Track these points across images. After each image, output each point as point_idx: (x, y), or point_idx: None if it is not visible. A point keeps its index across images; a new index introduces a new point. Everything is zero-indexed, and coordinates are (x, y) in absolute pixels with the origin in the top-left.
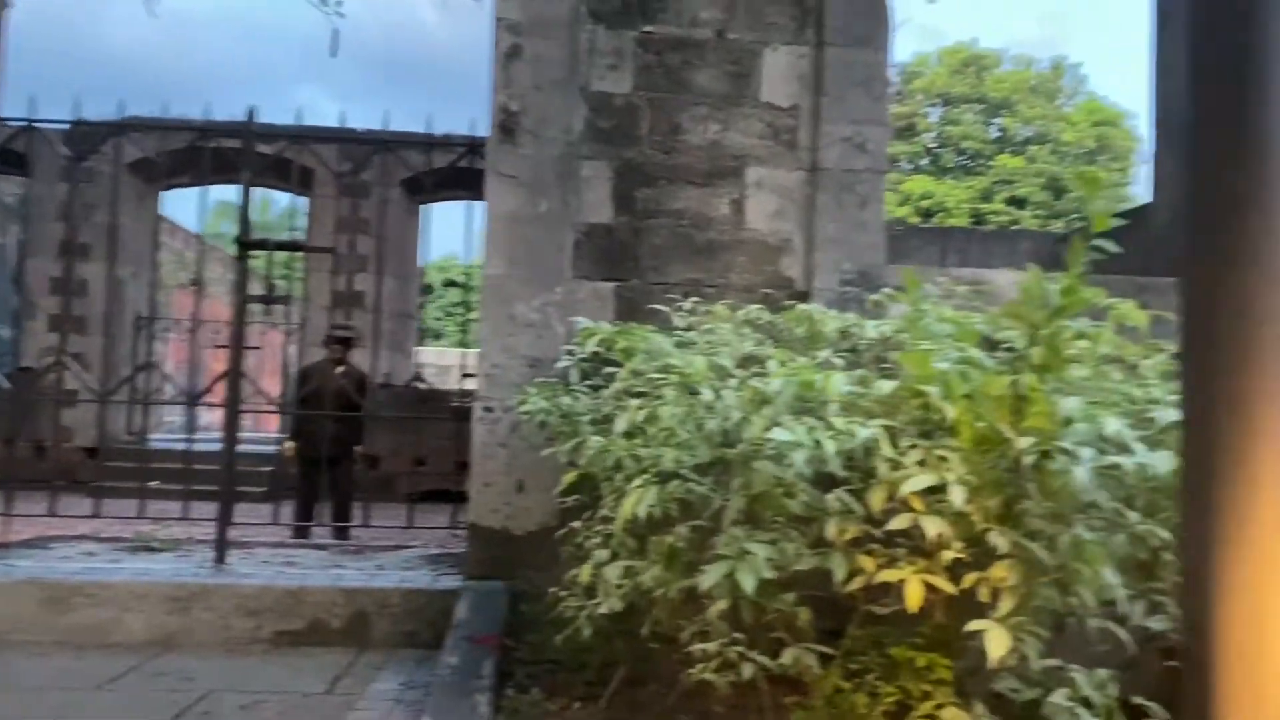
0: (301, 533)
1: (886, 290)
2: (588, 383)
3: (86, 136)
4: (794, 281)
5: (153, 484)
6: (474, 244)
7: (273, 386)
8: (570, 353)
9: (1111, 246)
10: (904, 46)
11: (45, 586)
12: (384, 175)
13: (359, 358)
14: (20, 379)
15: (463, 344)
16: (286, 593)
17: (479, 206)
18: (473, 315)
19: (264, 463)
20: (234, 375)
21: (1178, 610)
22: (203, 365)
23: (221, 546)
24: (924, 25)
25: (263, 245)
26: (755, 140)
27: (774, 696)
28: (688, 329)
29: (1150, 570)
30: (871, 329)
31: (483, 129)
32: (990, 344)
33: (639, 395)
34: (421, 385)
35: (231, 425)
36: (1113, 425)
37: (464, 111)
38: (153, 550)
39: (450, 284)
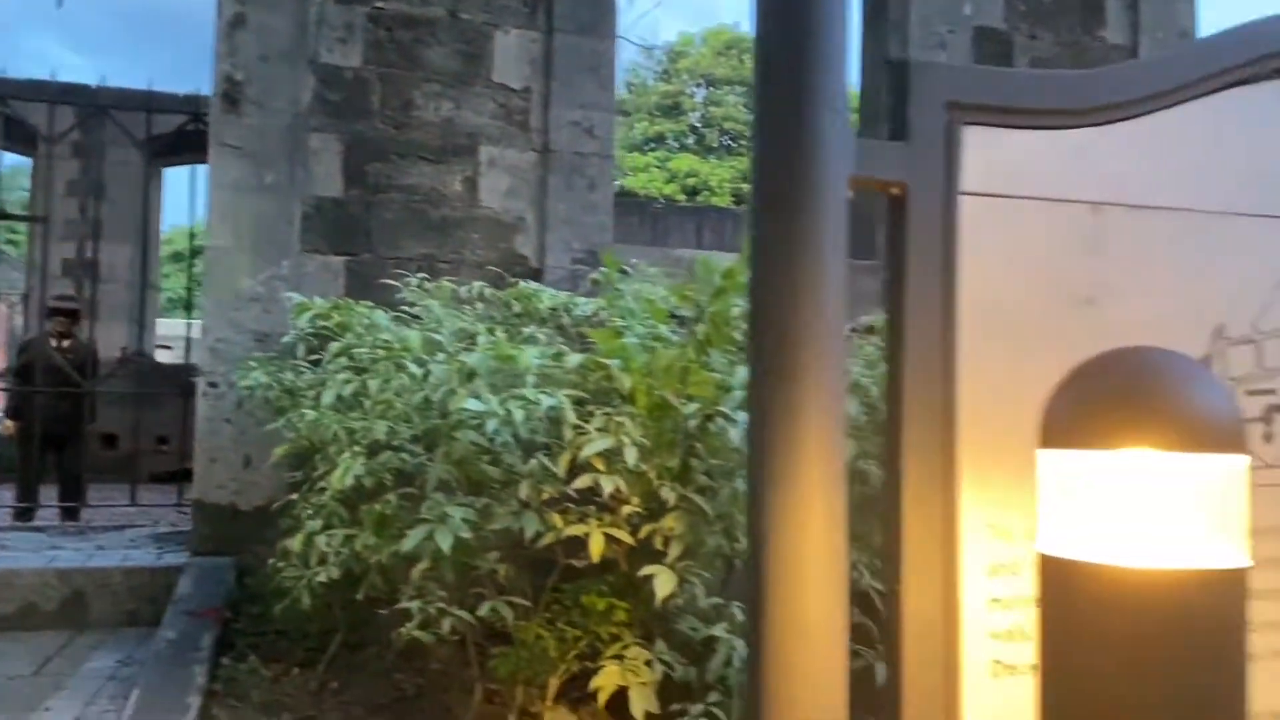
0: (23, 515)
1: (602, 269)
2: (313, 357)
3: None
4: (527, 259)
5: None
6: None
7: None
8: (298, 328)
9: None
10: (670, 26)
11: None
12: (119, 136)
13: (101, 332)
14: None
15: None
16: None
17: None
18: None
19: None
20: None
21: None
22: None
23: None
24: (693, 4)
25: None
26: (488, 120)
27: (485, 650)
28: (413, 304)
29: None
30: (582, 306)
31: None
32: (682, 320)
33: (358, 370)
34: (163, 360)
35: None
36: None
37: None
38: None
39: (197, 253)
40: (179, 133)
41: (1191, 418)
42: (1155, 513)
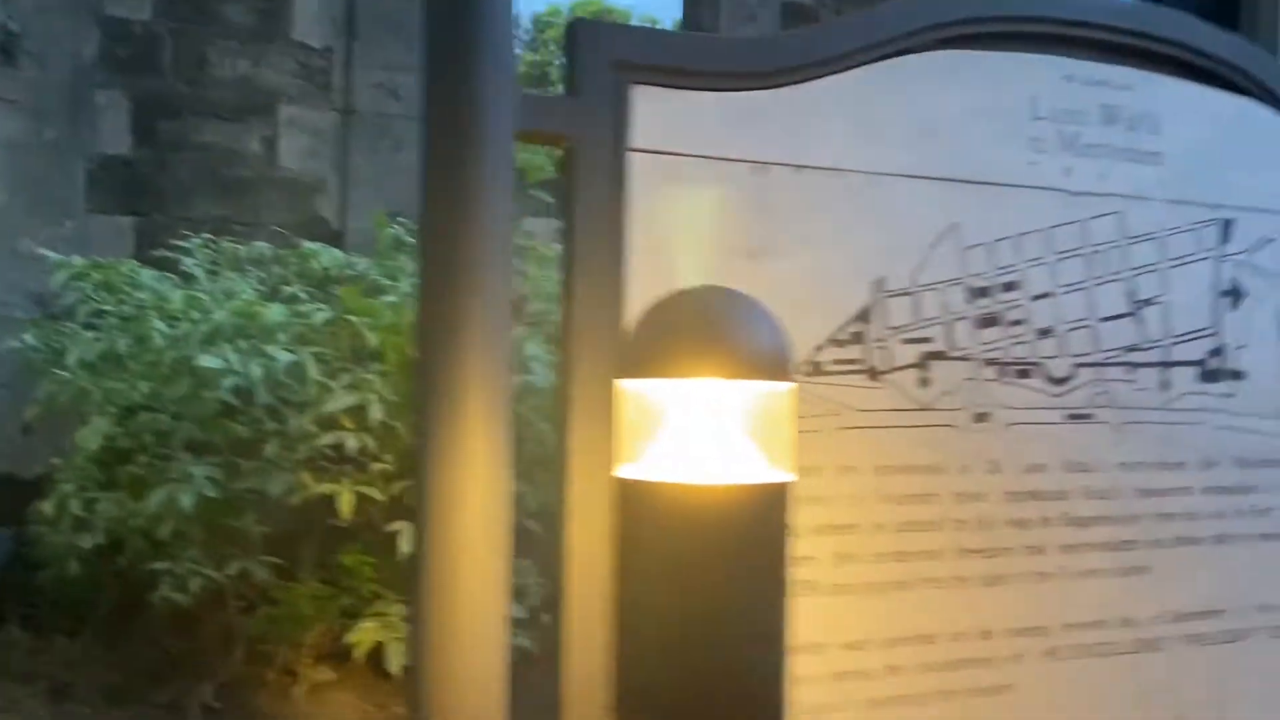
0: None
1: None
2: (96, 320)
3: None
4: (329, 222)
5: None
6: None
7: None
8: (81, 289)
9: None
10: None
11: None
12: None
13: None
14: None
15: None
16: None
17: None
18: None
19: None
20: None
21: None
22: None
23: None
24: None
25: None
26: (288, 79)
27: (254, 612)
28: (204, 266)
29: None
30: (361, 267)
31: None
32: None
33: (119, 330)
34: None
35: None
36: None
37: None
38: None
39: None
40: None
41: (742, 350)
42: (711, 435)
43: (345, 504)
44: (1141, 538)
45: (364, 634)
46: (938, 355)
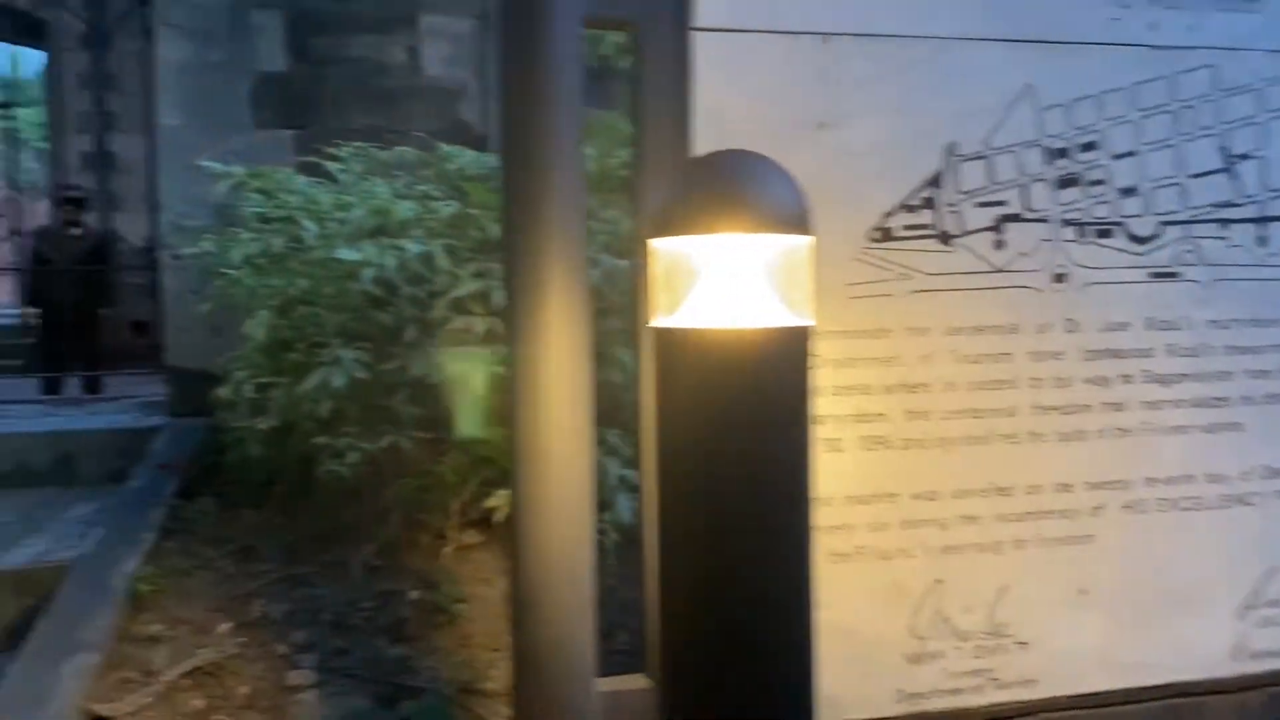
0: (50, 392)
1: None
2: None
3: None
4: (472, 126)
5: None
6: None
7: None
8: (250, 200)
9: None
10: None
11: None
12: (129, 26)
13: (121, 221)
14: None
15: None
16: None
17: None
18: None
19: (22, 335)
20: None
21: None
22: None
23: None
24: None
25: None
26: None
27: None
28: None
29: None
30: (492, 165)
31: None
32: None
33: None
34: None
35: None
36: None
37: None
38: None
39: None
40: None
41: (762, 207)
42: (736, 285)
43: (478, 382)
44: (1233, 394)
45: (501, 499)
46: (1013, 218)
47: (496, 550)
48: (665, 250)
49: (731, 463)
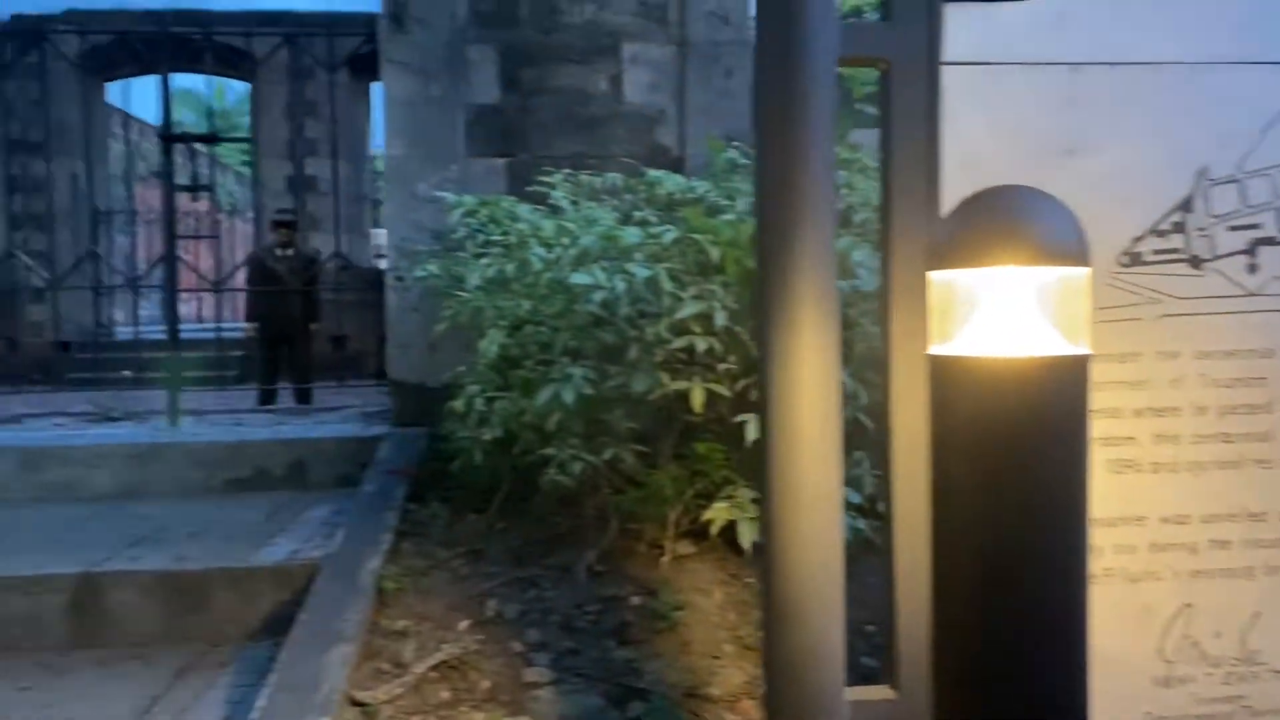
0: (266, 402)
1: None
2: (481, 250)
3: (25, 32)
4: (670, 150)
5: (125, 373)
6: None
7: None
8: (467, 224)
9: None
10: None
11: (20, 451)
12: (329, 57)
13: (317, 242)
14: None
15: None
16: (231, 446)
17: None
18: None
19: (236, 348)
20: (170, 260)
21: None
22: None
23: (173, 412)
24: None
25: (184, 138)
26: (629, 18)
27: (617, 495)
28: (565, 197)
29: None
30: (700, 189)
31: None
32: None
33: (502, 257)
34: (380, 266)
35: (172, 304)
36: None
37: None
38: (113, 420)
39: None
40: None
41: (1039, 239)
42: (1014, 314)
43: (697, 399)
44: None
45: (718, 513)
46: (1267, 241)
47: (711, 561)
48: (942, 280)
49: (1011, 487)
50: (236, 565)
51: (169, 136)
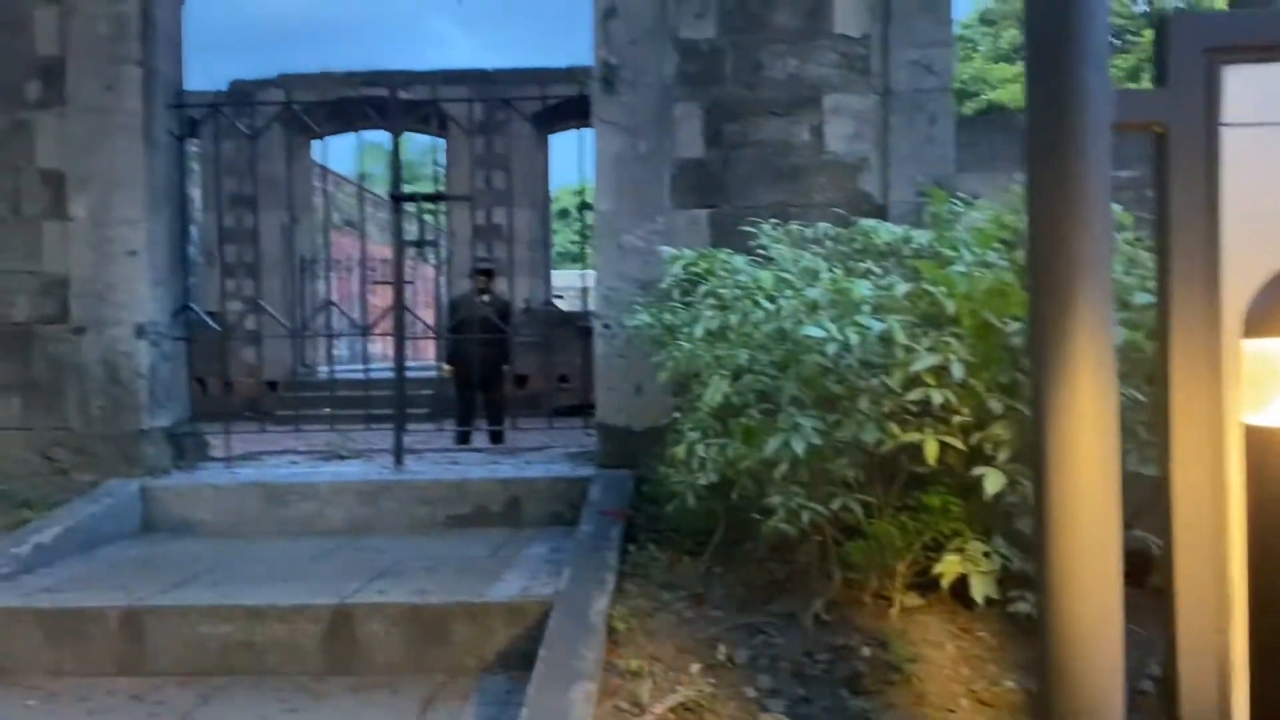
0: (462, 441)
1: (955, 201)
2: (685, 299)
3: (244, 95)
4: (872, 197)
5: (325, 411)
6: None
7: (428, 316)
8: (673, 274)
9: None
10: None
11: (266, 487)
12: (514, 111)
13: (501, 285)
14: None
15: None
16: (453, 484)
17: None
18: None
19: (425, 387)
20: (398, 309)
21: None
22: (361, 300)
23: (399, 451)
24: None
25: (412, 198)
26: (830, 70)
27: (839, 544)
28: (767, 247)
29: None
30: (918, 239)
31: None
32: (1012, 245)
33: (721, 308)
34: (560, 308)
35: (399, 350)
36: None
37: (580, 33)
38: (342, 458)
39: (587, 207)
40: (562, 102)
41: None
42: None
43: (931, 451)
44: None
45: (949, 566)
46: None
47: (940, 614)
48: (1259, 349)
49: None
50: (474, 600)
51: (399, 196)
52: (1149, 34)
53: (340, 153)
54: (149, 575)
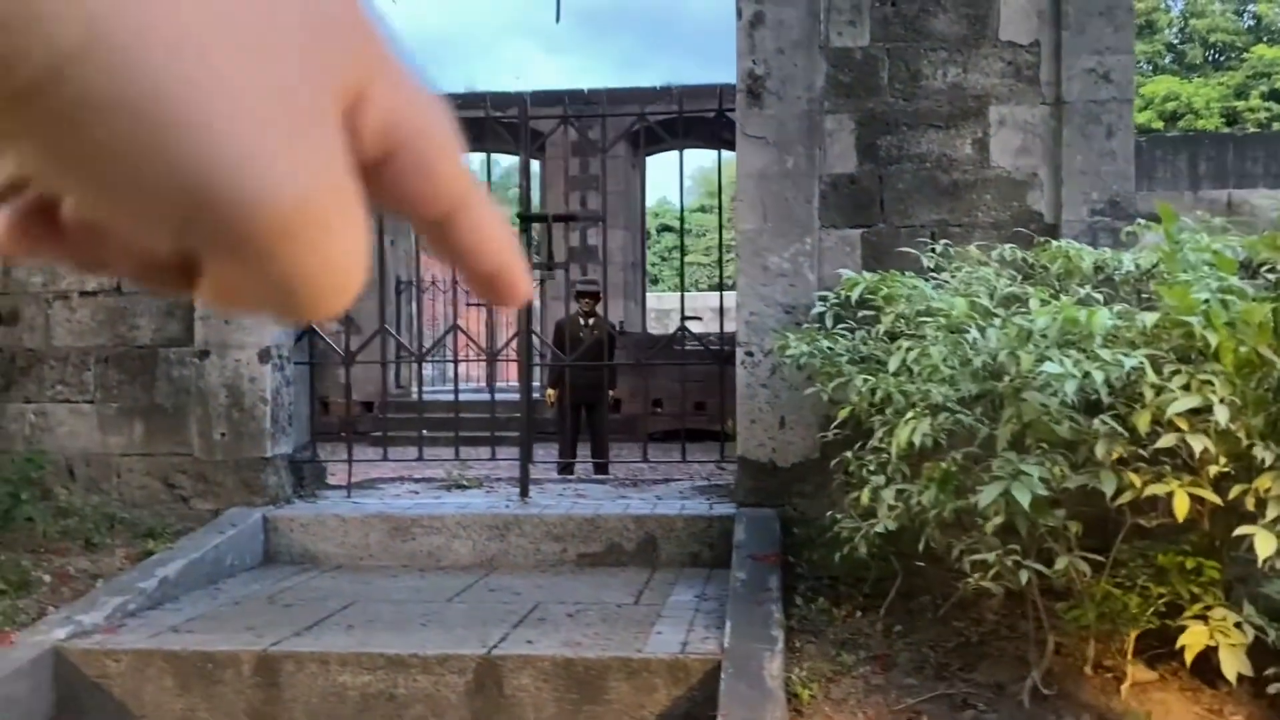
0: (566, 469)
1: (1140, 220)
2: (842, 326)
3: None
4: (1041, 215)
5: (425, 433)
6: (691, 189)
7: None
8: (824, 298)
9: None
10: None
11: (390, 519)
12: (611, 132)
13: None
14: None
15: (680, 287)
16: (585, 520)
17: (695, 154)
18: (690, 258)
19: (515, 409)
20: (525, 334)
21: None
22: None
23: (525, 483)
24: None
25: (542, 218)
26: (996, 80)
27: (1043, 604)
28: (936, 269)
29: None
30: (1128, 262)
31: (687, 75)
32: (1250, 271)
33: (903, 337)
34: (682, 330)
35: (526, 376)
36: None
37: (670, 56)
38: (463, 488)
39: (665, 229)
40: (659, 124)
41: None
42: None
43: (1181, 506)
44: None
45: (1196, 636)
46: None
47: (1180, 691)
48: None
49: None
50: (632, 655)
51: (528, 217)
52: (1258, 49)
53: None
54: (278, 614)
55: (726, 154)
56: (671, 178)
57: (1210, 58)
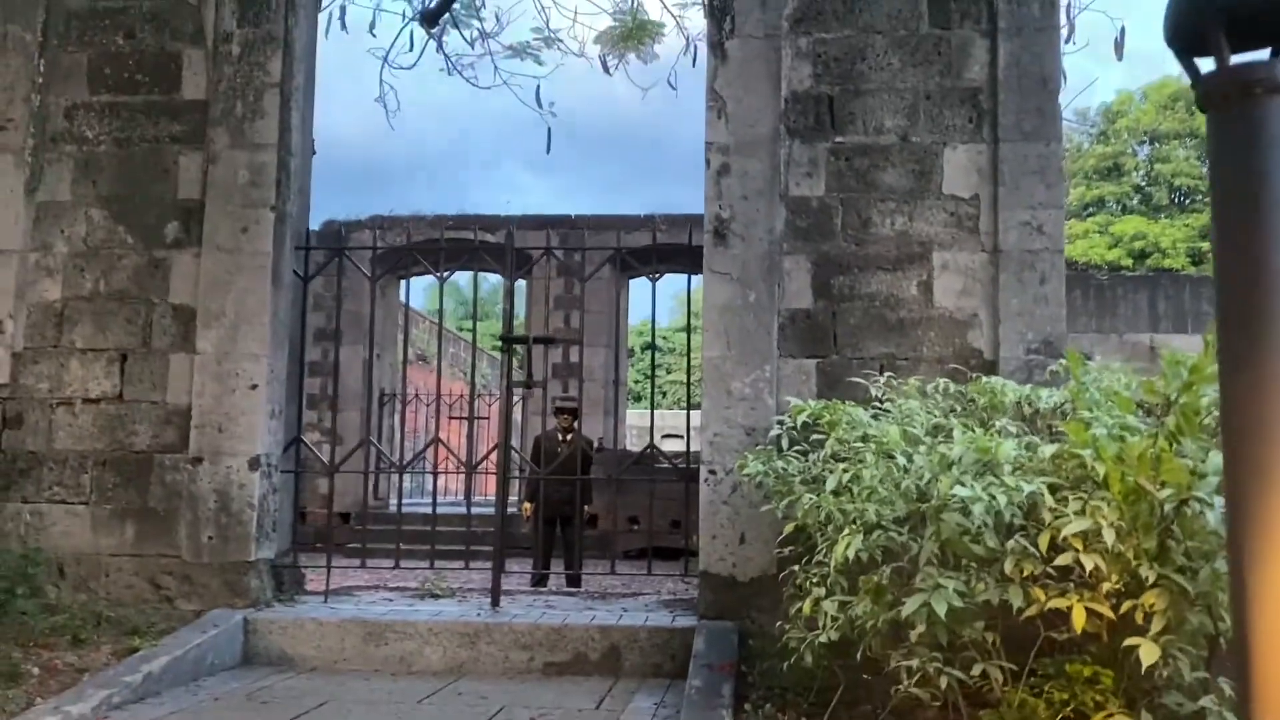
0: (539, 581)
1: (1062, 361)
2: (796, 449)
3: (335, 234)
4: (981, 353)
5: (400, 545)
6: (674, 309)
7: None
8: (780, 423)
9: None
10: (1107, 85)
11: (365, 624)
12: (592, 256)
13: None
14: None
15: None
16: (553, 629)
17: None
18: (670, 377)
19: (491, 523)
20: (504, 449)
21: None
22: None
23: (496, 593)
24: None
25: (523, 340)
26: (940, 228)
27: (968, 712)
28: (882, 400)
29: None
30: (1045, 399)
31: (672, 204)
32: (1163, 409)
33: (842, 459)
34: (654, 449)
35: (503, 489)
36: None
37: (657, 182)
38: (436, 597)
39: (649, 347)
40: (643, 249)
41: None
42: None
43: (1079, 619)
44: None
45: None
46: None
47: None
48: None
49: None
50: None
51: (509, 339)
52: None
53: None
54: (256, 711)
55: (699, 279)
56: (656, 297)
57: (1175, 200)
